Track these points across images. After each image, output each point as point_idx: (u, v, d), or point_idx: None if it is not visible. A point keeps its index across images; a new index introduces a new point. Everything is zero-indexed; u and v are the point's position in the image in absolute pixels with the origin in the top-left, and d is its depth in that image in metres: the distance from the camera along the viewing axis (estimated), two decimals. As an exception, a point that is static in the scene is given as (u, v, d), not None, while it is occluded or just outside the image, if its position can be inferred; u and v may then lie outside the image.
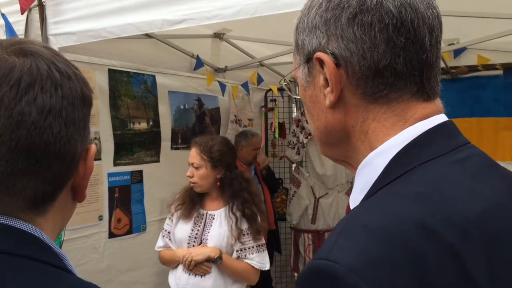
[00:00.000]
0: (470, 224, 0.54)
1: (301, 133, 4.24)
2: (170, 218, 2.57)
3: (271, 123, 4.29)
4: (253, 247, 2.42)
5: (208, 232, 2.42)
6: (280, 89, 4.25)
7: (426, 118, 0.65)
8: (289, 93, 0.86)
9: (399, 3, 0.63)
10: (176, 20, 1.90)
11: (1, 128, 0.56)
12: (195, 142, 2.51)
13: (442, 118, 0.66)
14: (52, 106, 0.59)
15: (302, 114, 4.25)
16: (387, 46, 0.63)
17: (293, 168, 4.53)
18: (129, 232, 2.92)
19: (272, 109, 4.26)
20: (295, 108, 4.73)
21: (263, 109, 4.31)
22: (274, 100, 4.27)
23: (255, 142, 3.69)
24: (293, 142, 4.28)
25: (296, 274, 4.54)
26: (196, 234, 2.44)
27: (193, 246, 2.41)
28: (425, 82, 0.66)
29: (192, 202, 2.48)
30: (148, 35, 2.95)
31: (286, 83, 0.84)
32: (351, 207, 0.70)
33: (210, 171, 2.43)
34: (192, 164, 2.43)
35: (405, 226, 0.52)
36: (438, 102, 0.68)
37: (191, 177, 2.43)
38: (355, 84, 0.65)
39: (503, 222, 0.57)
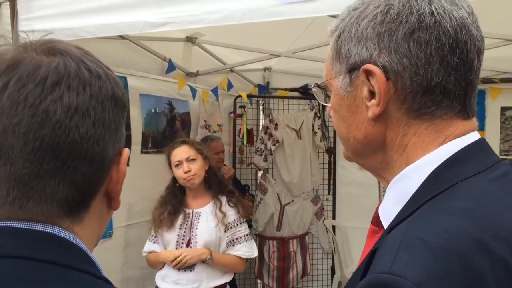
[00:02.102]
0: None
1: (269, 140, 4.27)
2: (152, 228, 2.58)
3: (240, 130, 4.28)
4: (241, 237, 2.58)
5: (197, 229, 2.50)
6: (249, 96, 4.27)
7: (464, 135, 0.66)
8: (318, 100, 0.84)
9: (455, 24, 0.64)
10: (158, 22, 1.87)
11: (25, 127, 0.54)
12: (180, 142, 2.61)
13: (477, 135, 0.68)
14: (79, 105, 0.57)
15: (271, 121, 4.28)
16: (441, 65, 0.64)
17: (260, 175, 4.55)
18: (95, 238, 2.82)
19: (240, 116, 4.25)
20: (262, 115, 4.75)
21: (232, 115, 4.30)
22: (243, 107, 4.27)
23: (214, 146, 3.67)
24: (261, 149, 4.30)
25: (259, 281, 4.54)
26: (184, 233, 2.50)
27: (181, 245, 2.49)
28: (467, 102, 0.67)
29: (172, 213, 2.51)
30: (120, 36, 2.88)
31: (316, 89, 0.83)
32: (382, 218, 0.71)
33: (203, 162, 2.56)
34: (188, 158, 2.51)
35: (461, 241, 0.53)
36: (475, 120, 0.70)
37: (189, 171, 2.48)
38: (402, 98, 0.66)
39: None
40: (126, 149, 0.66)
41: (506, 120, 3.82)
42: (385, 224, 0.69)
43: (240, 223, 2.60)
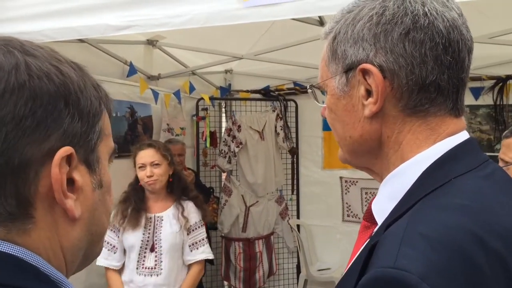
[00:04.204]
0: (510, 233, 0.59)
1: (233, 142, 4.28)
2: (113, 231, 2.54)
3: (203, 132, 4.27)
4: (203, 239, 2.63)
5: (160, 234, 2.51)
6: (212, 98, 4.26)
7: (455, 134, 0.69)
8: (315, 100, 0.85)
9: (448, 25, 0.67)
10: (120, 26, 1.84)
11: None
12: (147, 144, 2.59)
13: (466, 134, 0.71)
14: None
15: (233, 123, 4.29)
16: (435, 63, 0.67)
17: (224, 177, 4.55)
18: (57, 246, 2.75)
19: (203, 118, 4.24)
20: (225, 117, 4.75)
21: (194, 118, 4.28)
22: (206, 109, 4.26)
23: (173, 149, 3.64)
24: (225, 151, 4.31)
25: (226, 282, 4.54)
26: (148, 238, 2.50)
27: (145, 250, 2.48)
28: (458, 99, 0.70)
29: (135, 211, 2.50)
30: (79, 39, 2.82)
31: (312, 90, 0.83)
32: (375, 214, 0.73)
33: (167, 168, 2.56)
34: (152, 162, 2.51)
35: (460, 236, 0.56)
36: (463, 119, 0.73)
37: (151, 176, 2.49)
38: (398, 96, 0.68)
39: None
40: (64, 149, 0.55)
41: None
42: (379, 219, 0.71)
43: (201, 226, 2.65)
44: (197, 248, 2.59)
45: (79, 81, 0.58)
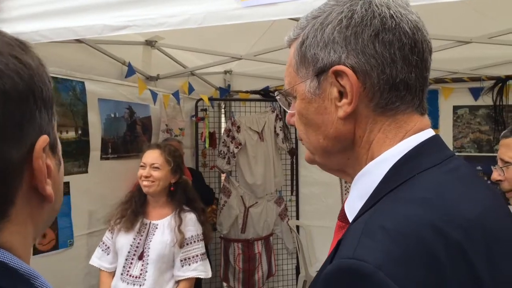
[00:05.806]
0: (471, 224, 0.60)
1: (232, 143, 4.27)
2: (110, 231, 2.53)
3: (202, 133, 4.26)
4: (197, 256, 2.46)
5: (150, 241, 2.43)
6: (211, 99, 4.25)
7: (421, 131, 0.71)
8: (283, 107, 0.85)
9: (412, 26, 0.70)
10: (118, 26, 1.83)
11: None
12: (156, 145, 2.57)
13: (431, 132, 0.73)
14: None
15: (233, 124, 4.28)
16: (404, 63, 0.69)
17: (223, 178, 4.54)
18: (55, 247, 2.73)
19: (202, 119, 4.23)
20: (224, 118, 4.75)
21: (193, 118, 4.27)
22: (205, 110, 4.25)
23: None
24: (224, 152, 4.29)
25: (225, 284, 4.53)
26: (138, 243, 2.44)
27: (134, 255, 2.42)
28: (423, 98, 0.73)
29: (133, 214, 2.46)
30: (77, 40, 2.81)
31: (279, 97, 0.84)
32: (348, 213, 0.74)
33: (168, 174, 2.48)
34: (152, 164, 2.45)
35: (418, 227, 0.58)
36: (427, 117, 0.75)
37: (148, 177, 2.42)
38: (370, 96, 0.70)
39: (496, 222, 0.65)
40: (41, 139, 0.54)
41: (458, 118, 3.99)
42: (351, 218, 0.73)
43: (198, 241, 2.48)
44: (189, 264, 2.43)
45: (37, 68, 0.56)
